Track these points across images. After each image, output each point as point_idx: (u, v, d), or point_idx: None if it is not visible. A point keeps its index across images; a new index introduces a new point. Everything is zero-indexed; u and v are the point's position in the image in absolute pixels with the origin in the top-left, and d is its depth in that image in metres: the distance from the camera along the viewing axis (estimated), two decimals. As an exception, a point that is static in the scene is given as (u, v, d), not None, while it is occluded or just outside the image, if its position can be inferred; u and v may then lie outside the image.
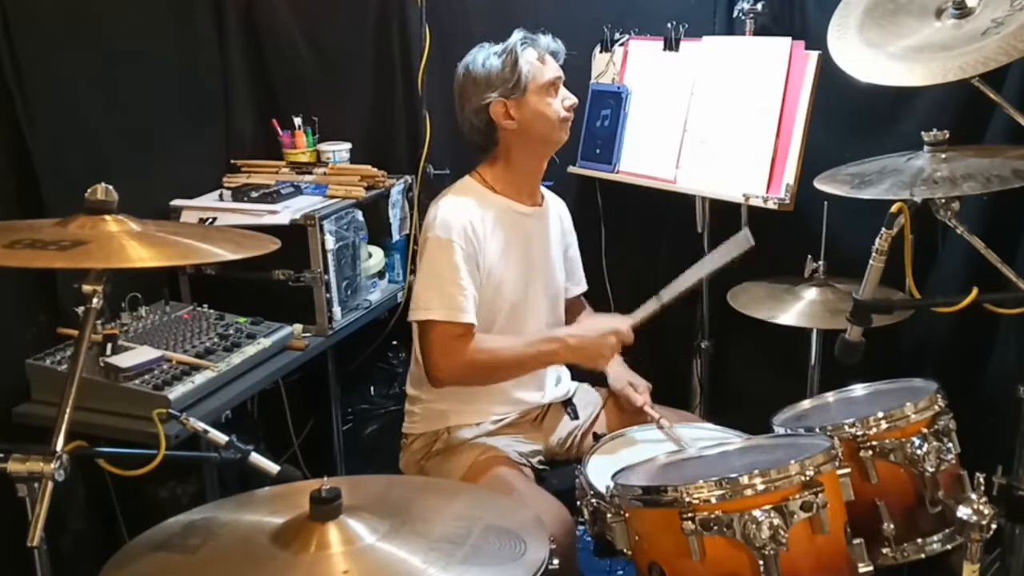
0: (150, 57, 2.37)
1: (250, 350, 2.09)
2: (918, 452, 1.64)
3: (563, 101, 2.09)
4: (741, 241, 1.95)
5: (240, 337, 2.12)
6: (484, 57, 2.07)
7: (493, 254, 2.05)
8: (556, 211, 2.28)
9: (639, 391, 2.21)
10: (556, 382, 2.27)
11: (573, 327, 2.22)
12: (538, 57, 2.07)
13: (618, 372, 2.28)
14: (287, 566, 1.24)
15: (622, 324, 2.03)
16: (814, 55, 2.16)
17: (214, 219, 2.33)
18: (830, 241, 2.27)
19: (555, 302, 2.25)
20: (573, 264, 2.37)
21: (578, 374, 2.36)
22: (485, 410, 2.14)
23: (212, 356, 2.02)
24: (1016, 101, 1.88)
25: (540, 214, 2.20)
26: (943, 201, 1.61)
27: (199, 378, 1.93)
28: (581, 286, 2.40)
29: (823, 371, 2.30)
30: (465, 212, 2.03)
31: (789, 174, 2.18)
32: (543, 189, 2.24)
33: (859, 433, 1.66)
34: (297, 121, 2.65)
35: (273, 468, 1.50)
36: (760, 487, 1.44)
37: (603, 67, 2.65)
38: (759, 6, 2.41)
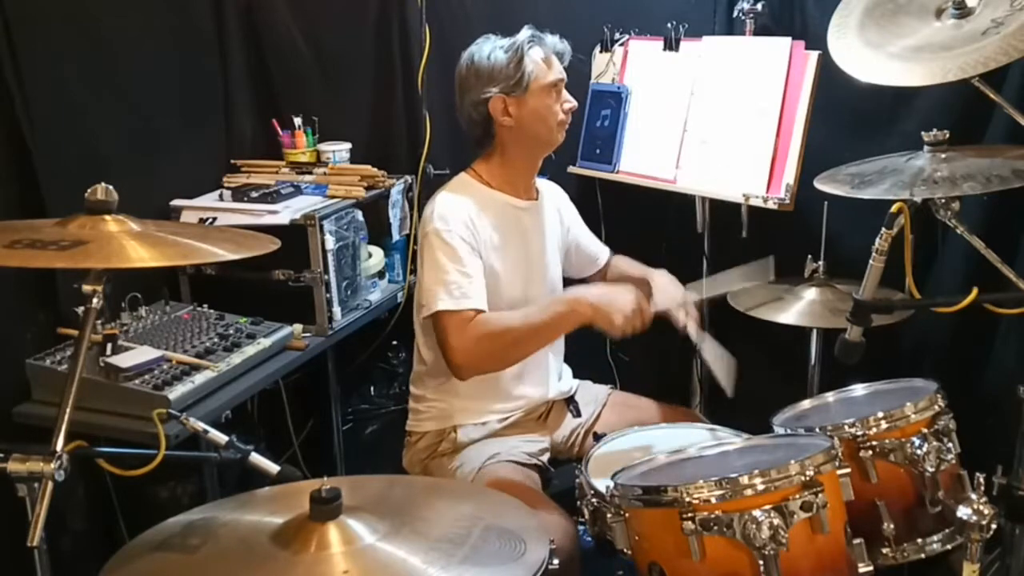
0: (150, 57, 2.37)
1: (250, 350, 2.09)
2: (918, 452, 1.64)
3: (563, 104, 2.09)
4: (765, 267, 2.10)
5: (240, 337, 2.12)
6: (490, 50, 2.06)
7: (492, 249, 2.05)
8: (553, 203, 2.26)
9: (688, 312, 2.09)
10: (558, 378, 2.26)
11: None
12: (544, 58, 2.06)
13: (664, 285, 2.15)
14: (287, 566, 1.24)
15: (643, 297, 1.95)
16: (814, 55, 2.16)
17: (214, 219, 2.33)
18: (830, 241, 2.27)
19: (553, 296, 2.24)
20: (586, 244, 2.36)
21: (579, 372, 2.37)
22: (489, 408, 2.13)
23: (212, 356, 2.02)
24: (1016, 101, 1.87)
25: (536, 208, 2.19)
26: (943, 201, 1.61)
27: (199, 378, 1.93)
28: (605, 253, 2.40)
29: (823, 371, 2.30)
30: (463, 207, 2.02)
31: (789, 174, 2.18)
32: (538, 181, 2.23)
33: (859, 433, 1.66)
34: (297, 121, 2.65)
35: (273, 468, 1.50)
36: (760, 487, 1.44)
37: (603, 67, 2.65)
38: (759, 6, 2.41)
